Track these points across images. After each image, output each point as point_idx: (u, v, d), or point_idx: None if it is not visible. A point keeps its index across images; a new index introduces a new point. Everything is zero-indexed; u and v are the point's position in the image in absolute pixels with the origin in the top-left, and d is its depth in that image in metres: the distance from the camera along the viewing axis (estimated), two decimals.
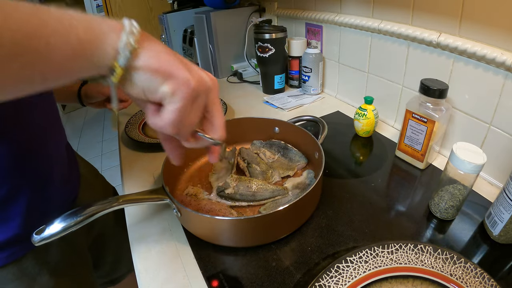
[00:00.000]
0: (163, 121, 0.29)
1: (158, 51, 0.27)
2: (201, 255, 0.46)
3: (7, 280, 0.45)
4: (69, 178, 0.56)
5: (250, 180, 0.55)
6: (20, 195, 0.43)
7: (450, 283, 0.37)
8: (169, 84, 0.27)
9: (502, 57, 0.48)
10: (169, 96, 0.27)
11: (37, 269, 0.47)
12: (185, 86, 0.28)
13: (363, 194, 0.56)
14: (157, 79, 0.27)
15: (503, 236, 0.43)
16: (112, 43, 0.25)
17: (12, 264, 0.45)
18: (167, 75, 0.27)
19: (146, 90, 0.28)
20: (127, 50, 0.25)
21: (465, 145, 0.45)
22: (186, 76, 0.28)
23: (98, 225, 0.68)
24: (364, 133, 0.72)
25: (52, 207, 0.49)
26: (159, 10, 1.94)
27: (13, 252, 0.44)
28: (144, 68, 0.26)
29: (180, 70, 0.28)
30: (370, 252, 0.41)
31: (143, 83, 0.27)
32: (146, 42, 0.27)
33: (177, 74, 0.27)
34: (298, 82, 1.02)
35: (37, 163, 0.46)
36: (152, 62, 0.27)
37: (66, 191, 0.55)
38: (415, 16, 0.62)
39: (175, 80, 0.27)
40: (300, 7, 0.98)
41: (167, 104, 0.28)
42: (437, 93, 0.53)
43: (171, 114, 0.28)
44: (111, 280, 0.80)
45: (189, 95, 0.28)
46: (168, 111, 0.28)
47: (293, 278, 0.41)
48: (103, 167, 2.29)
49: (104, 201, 0.42)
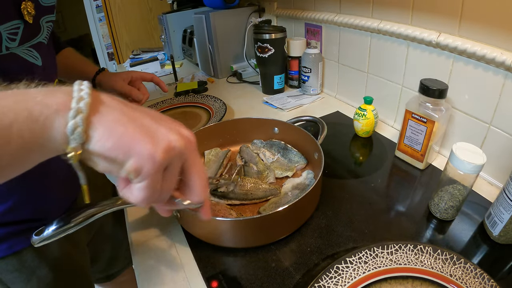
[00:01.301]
0: (135, 198, 0.26)
1: (112, 121, 0.24)
2: (200, 255, 0.46)
3: (6, 271, 0.46)
4: (70, 179, 0.56)
5: (243, 179, 0.55)
6: (24, 203, 0.45)
7: (449, 283, 0.37)
8: (131, 162, 0.24)
9: (501, 57, 0.48)
10: (133, 175, 0.24)
11: (37, 262, 0.48)
12: (149, 161, 0.24)
13: (363, 194, 0.56)
14: (116, 160, 0.24)
15: (503, 237, 0.43)
16: (59, 127, 0.23)
17: (12, 256, 0.46)
18: (126, 153, 0.24)
19: (108, 171, 0.25)
20: (77, 133, 0.22)
21: (465, 145, 0.45)
22: (148, 150, 0.24)
23: (97, 222, 0.68)
24: (363, 133, 0.72)
25: (53, 206, 0.50)
26: (159, 10, 1.94)
27: (12, 244, 0.45)
28: (98, 153, 0.24)
29: (140, 143, 0.24)
30: (369, 253, 0.41)
31: (102, 166, 0.25)
32: (97, 115, 0.24)
33: (138, 150, 0.24)
34: (298, 82, 1.02)
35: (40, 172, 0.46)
36: (106, 142, 0.23)
37: (68, 191, 0.55)
38: (414, 16, 0.62)
39: (136, 156, 0.24)
40: (300, 7, 0.98)
41: (134, 183, 0.25)
42: (436, 93, 0.53)
43: (140, 192, 0.25)
44: (107, 276, 0.81)
45: (156, 169, 0.24)
46: (136, 189, 0.25)
47: (292, 279, 0.41)
48: None
49: (105, 202, 0.42)
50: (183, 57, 1.51)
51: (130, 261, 0.83)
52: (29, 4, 0.40)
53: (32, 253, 0.48)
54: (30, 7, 0.40)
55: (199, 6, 1.42)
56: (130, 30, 2.06)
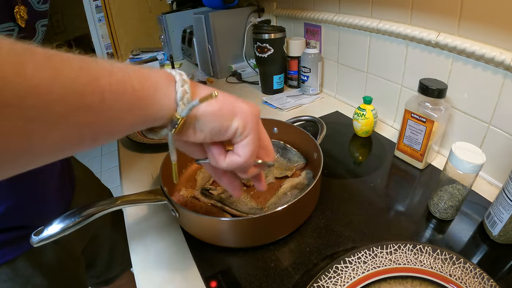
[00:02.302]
0: (244, 155, 0.29)
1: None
2: (199, 256, 0.46)
3: (0, 280, 0.45)
4: (64, 184, 0.56)
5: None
6: (16, 210, 0.44)
7: (449, 283, 0.37)
8: (238, 119, 0.28)
9: (501, 56, 0.48)
10: (241, 131, 0.28)
11: (31, 271, 0.48)
12: (251, 116, 0.28)
13: (362, 194, 0.56)
14: (225, 118, 0.27)
15: (503, 236, 0.43)
16: (168, 93, 0.25)
17: (5, 265, 0.45)
18: (232, 112, 0.28)
19: (215, 132, 0.28)
20: (186, 99, 0.25)
21: (464, 144, 0.45)
22: (247, 107, 0.29)
23: (93, 227, 0.68)
24: (363, 133, 0.72)
25: (46, 213, 0.50)
26: (158, 10, 1.94)
27: (5, 253, 0.45)
28: (209, 113, 0.27)
29: (239, 103, 0.28)
30: (369, 253, 0.41)
31: (210, 127, 0.27)
32: (196, 87, 0.28)
33: (241, 108, 0.28)
34: (297, 82, 1.02)
35: (32, 178, 0.46)
36: (214, 105, 0.27)
37: (62, 197, 0.55)
38: (413, 16, 0.62)
39: (241, 114, 0.28)
40: (299, 7, 0.98)
41: (242, 138, 0.28)
42: (436, 92, 0.53)
43: (247, 148, 0.29)
44: (104, 280, 0.80)
45: (256, 124, 0.29)
46: (242, 146, 0.29)
47: (291, 279, 0.41)
48: (103, 167, 2.29)
49: (103, 202, 0.42)
50: (183, 57, 1.51)
51: (128, 265, 0.83)
52: (22, 8, 0.40)
53: (25, 262, 0.47)
54: (23, 12, 0.40)
55: (199, 6, 1.42)
56: (129, 30, 2.07)
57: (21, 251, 0.46)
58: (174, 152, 0.29)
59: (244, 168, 0.31)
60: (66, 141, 0.20)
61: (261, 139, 0.32)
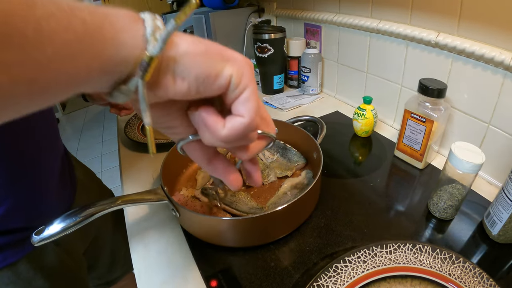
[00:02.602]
0: (248, 114, 0.22)
1: (191, 38, 0.20)
2: (199, 255, 0.46)
3: (1, 284, 0.45)
4: (64, 185, 0.56)
5: (239, 193, 0.54)
6: (16, 211, 0.44)
7: (448, 282, 0.37)
8: (231, 67, 0.21)
9: (500, 56, 0.48)
10: (236, 81, 0.21)
11: (32, 273, 0.47)
12: (246, 66, 0.22)
13: (362, 194, 0.56)
14: (214, 62, 0.20)
15: (502, 236, 0.43)
16: (133, 30, 0.18)
17: (7, 268, 0.45)
18: (222, 57, 0.21)
19: (201, 81, 0.20)
20: (158, 35, 0.18)
21: (464, 144, 0.45)
22: (240, 56, 0.22)
23: (95, 228, 0.68)
24: (363, 133, 0.72)
25: (46, 214, 0.50)
26: (159, 10, 1.95)
27: (6, 256, 0.44)
28: (191, 53, 0.19)
29: (229, 51, 0.21)
30: (368, 252, 0.41)
31: (195, 73, 0.20)
32: (175, 35, 0.20)
33: (232, 55, 0.21)
34: (297, 82, 1.02)
35: (32, 179, 0.46)
36: (198, 45, 0.20)
37: (62, 198, 0.55)
38: (413, 16, 0.62)
39: (234, 61, 0.21)
40: (299, 7, 0.98)
41: (240, 91, 0.21)
42: (435, 92, 0.53)
43: (251, 102, 0.22)
44: (106, 282, 0.80)
45: (253, 75, 0.22)
46: (245, 99, 0.22)
47: (291, 278, 0.41)
48: (103, 167, 2.29)
49: (104, 201, 0.42)
50: None
51: (130, 267, 0.82)
52: None
53: (26, 264, 0.47)
54: None
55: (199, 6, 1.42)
56: None
57: (23, 253, 0.46)
58: (147, 111, 0.20)
59: (250, 134, 0.23)
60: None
61: (259, 107, 0.25)
